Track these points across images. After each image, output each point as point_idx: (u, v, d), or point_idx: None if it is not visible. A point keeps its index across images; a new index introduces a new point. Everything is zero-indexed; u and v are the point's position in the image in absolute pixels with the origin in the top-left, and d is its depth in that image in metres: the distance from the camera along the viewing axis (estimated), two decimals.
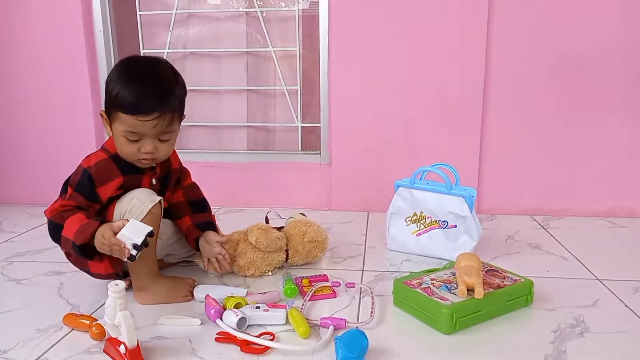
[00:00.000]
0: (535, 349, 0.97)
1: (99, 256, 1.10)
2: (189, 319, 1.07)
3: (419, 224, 1.46)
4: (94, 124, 2.00)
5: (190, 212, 1.29)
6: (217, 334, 1.01)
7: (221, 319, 1.03)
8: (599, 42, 1.74)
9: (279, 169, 1.99)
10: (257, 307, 1.07)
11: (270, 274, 1.33)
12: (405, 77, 1.82)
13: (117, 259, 1.11)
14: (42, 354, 0.97)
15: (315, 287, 1.20)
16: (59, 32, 1.93)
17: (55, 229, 1.09)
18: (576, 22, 1.74)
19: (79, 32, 1.93)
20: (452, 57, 1.79)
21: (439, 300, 1.05)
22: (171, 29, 2.03)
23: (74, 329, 1.05)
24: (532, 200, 1.87)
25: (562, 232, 1.67)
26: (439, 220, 1.43)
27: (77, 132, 2.01)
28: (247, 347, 0.97)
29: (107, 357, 0.95)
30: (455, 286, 1.11)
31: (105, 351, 0.96)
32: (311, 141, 2.07)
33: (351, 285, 1.23)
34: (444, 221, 1.42)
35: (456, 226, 1.41)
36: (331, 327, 1.02)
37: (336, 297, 1.20)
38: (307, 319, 1.05)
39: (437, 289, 1.10)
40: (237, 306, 1.08)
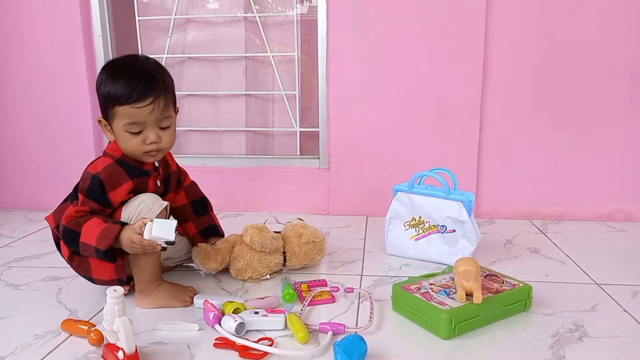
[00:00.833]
0: (534, 354, 0.97)
1: (121, 258, 1.12)
2: (187, 324, 1.07)
3: (417, 229, 1.47)
4: (92, 128, 2.00)
5: (193, 216, 1.36)
6: (216, 340, 1.01)
7: (220, 325, 1.03)
8: (597, 45, 1.75)
9: (277, 173, 1.99)
10: (256, 312, 1.07)
11: (268, 277, 1.33)
12: (403, 82, 1.83)
13: (123, 266, 1.14)
14: None
15: (314, 292, 1.20)
16: (58, 37, 1.94)
17: (71, 236, 1.09)
18: (575, 24, 1.74)
19: (78, 37, 1.93)
20: (450, 61, 1.80)
21: (437, 305, 1.05)
22: (170, 34, 2.03)
23: (72, 335, 1.05)
24: (531, 204, 1.88)
25: (561, 237, 1.67)
26: (438, 224, 1.43)
27: (76, 137, 2.01)
28: (246, 352, 0.96)
29: None
30: (454, 291, 1.11)
31: (103, 357, 0.96)
32: (310, 146, 2.07)
33: (350, 290, 1.23)
34: (443, 226, 1.43)
35: (455, 231, 1.41)
36: (330, 332, 1.02)
37: (335, 302, 1.20)
38: (306, 324, 1.04)
39: (436, 293, 1.10)
40: (236, 311, 1.08)
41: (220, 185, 1.98)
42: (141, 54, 1.21)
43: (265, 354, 0.96)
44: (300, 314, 1.10)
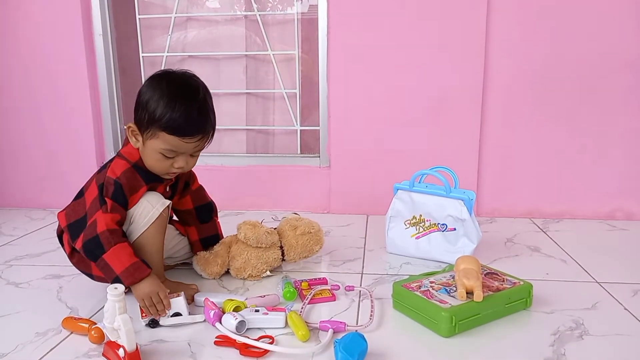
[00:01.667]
0: (534, 352, 0.97)
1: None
2: (193, 316, 1.07)
3: (418, 227, 1.46)
4: (93, 127, 2.00)
5: (197, 221, 1.36)
6: (217, 338, 1.01)
7: (220, 323, 1.03)
8: (598, 43, 1.74)
9: (278, 172, 1.99)
10: (257, 311, 1.07)
11: (268, 273, 1.33)
12: (404, 80, 1.83)
13: None
14: (41, 358, 0.97)
15: (314, 290, 1.20)
16: (58, 36, 1.94)
17: (97, 247, 1.08)
18: (576, 23, 1.74)
19: (79, 35, 1.93)
20: (451, 59, 1.79)
21: (438, 303, 1.05)
22: (170, 33, 2.03)
23: (73, 333, 1.05)
24: (532, 203, 1.88)
25: (562, 235, 1.67)
26: (438, 223, 1.43)
27: (77, 136, 2.01)
28: (246, 350, 0.96)
29: None
30: (454, 289, 1.11)
31: (104, 355, 0.96)
32: (310, 144, 2.07)
33: (350, 288, 1.23)
34: (443, 224, 1.43)
35: (455, 229, 1.41)
36: (330, 330, 1.02)
37: (335, 300, 1.20)
38: (306, 322, 1.05)
39: (437, 292, 1.10)
40: (236, 309, 1.08)
41: (220, 183, 1.97)
42: (185, 71, 1.19)
43: (265, 351, 0.96)
44: (300, 312, 1.10)
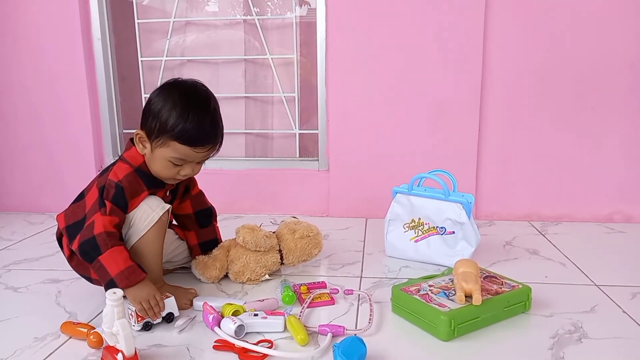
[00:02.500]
0: (533, 355, 0.97)
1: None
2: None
3: (417, 231, 1.47)
4: (92, 131, 2.00)
5: (196, 226, 1.36)
6: (215, 342, 1.01)
7: (219, 327, 1.03)
8: (598, 45, 1.75)
9: (277, 175, 1.99)
10: (255, 315, 1.07)
11: (267, 277, 1.33)
12: (402, 84, 1.83)
13: None
14: None
15: (313, 294, 1.20)
16: (57, 40, 1.94)
17: (93, 249, 1.08)
18: (575, 26, 1.75)
19: (77, 39, 1.93)
20: (449, 63, 1.80)
21: (437, 306, 1.05)
22: (169, 37, 2.03)
23: (71, 337, 1.05)
24: (530, 206, 1.88)
25: (560, 238, 1.67)
26: (437, 226, 1.43)
27: (76, 140, 2.01)
28: (245, 354, 0.96)
29: None
30: (453, 292, 1.11)
31: (102, 359, 0.96)
32: (309, 148, 2.07)
33: (349, 292, 1.23)
34: (442, 227, 1.43)
35: (454, 232, 1.41)
36: (329, 334, 1.02)
37: (334, 304, 1.20)
38: (305, 326, 1.05)
39: (436, 295, 1.10)
40: (235, 314, 1.08)
41: (219, 187, 1.97)
42: (195, 80, 1.20)
43: (264, 356, 0.96)
44: (299, 316, 1.10)
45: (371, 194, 1.88)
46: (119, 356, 0.91)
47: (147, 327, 1.07)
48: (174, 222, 1.39)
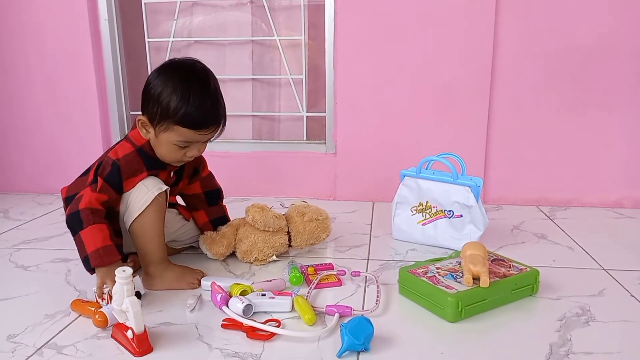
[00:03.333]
0: (540, 338, 0.97)
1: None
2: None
3: (424, 214, 1.46)
4: (99, 112, 2.00)
5: (205, 205, 1.37)
6: (223, 321, 1.02)
7: (227, 306, 1.04)
8: (606, 32, 1.72)
9: (284, 158, 1.99)
10: (263, 295, 1.08)
11: (274, 257, 1.33)
12: (411, 67, 1.81)
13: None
14: (50, 339, 0.98)
15: (320, 275, 1.20)
16: (63, 21, 1.93)
17: (77, 222, 1.08)
18: (583, 13, 1.72)
19: (84, 20, 1.92)
20: (459, 46, 1.78)
21: (444, 288, 1.05)
22: (176, 18, 2.02)
23: (81, 315, 1.06)
24: (539, 190, 1.87)
25: (569, 223, 1.66)
26: (445, 209, 1.43)
27: (83, 121, 2.01)
28: (253, 333, 0.97)
29: (115, 342, 0.96)
30: (460, 275, 1.11)
31: (113, 336, 0.97)
32: (316, 131, 2.06)
33: (356, 273, 1.23)
34: (450, 211, 1.42)
35: (462, 216, 1.41)
36: (337, 314, 1.02)
37: (342, 285, 1.20)
38: (312, 307, 1.05)
39: (443, 277, 1.10)
40: (243, 293, 1.08)
41: (226, 170, 1.96)
42: (193, 59, 1.19)
43: (272, 334, 0.96)
44: (307, 296, 1.11)
45: (378, 178, 1.88)
46: (129, 333, 0.92)
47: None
48: (180, 203, 1.39)
